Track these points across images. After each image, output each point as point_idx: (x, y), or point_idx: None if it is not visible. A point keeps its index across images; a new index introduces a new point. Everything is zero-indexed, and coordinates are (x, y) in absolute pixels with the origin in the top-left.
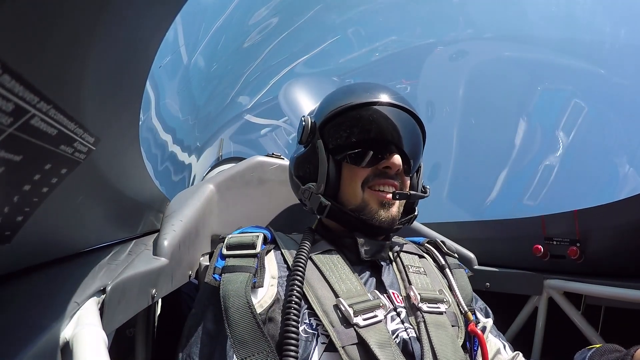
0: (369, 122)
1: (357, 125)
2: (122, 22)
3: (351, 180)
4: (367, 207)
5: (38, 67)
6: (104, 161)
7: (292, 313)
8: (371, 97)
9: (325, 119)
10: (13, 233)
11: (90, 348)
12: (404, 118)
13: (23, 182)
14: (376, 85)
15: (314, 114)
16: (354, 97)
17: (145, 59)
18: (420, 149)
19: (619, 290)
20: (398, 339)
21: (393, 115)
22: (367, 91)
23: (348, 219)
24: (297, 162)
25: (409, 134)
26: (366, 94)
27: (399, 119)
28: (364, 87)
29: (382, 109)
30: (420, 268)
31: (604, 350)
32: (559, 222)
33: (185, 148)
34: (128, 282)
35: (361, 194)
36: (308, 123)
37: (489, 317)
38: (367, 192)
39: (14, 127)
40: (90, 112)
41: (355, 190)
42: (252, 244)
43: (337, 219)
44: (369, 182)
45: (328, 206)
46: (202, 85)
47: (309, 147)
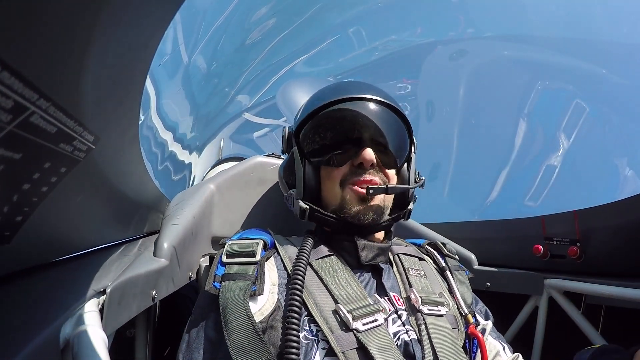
0: (335, 120)
1: (324, 126)
2: (121, 21)
3: (329, 181)
4: (346, 205)
5: (37, 64)
6: (104, 160)
7: (293, 321)
8: (336, 96)
9: (297, 127)
10: (13, 233)
11: (91, 349)
12: (374, 110)
13: (22, 181)
14: (346, 83)
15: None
16: (321, 99)
17: (144, 57)
18: (400, 139)
19: (619, 290)
20: (399, 341)
21: (360, 108)
22: (334, 91)
23: (328, 220)
24: (283, 170)
25: (382, 125)
26: (332, 94)
27: (368, 111)
28: (332, 89)
29: (349, 105)
30: (421, 271)
31: (604, 350)
32: (559, 222)
33: (185, 147)
34: (128, 283)
35: (340, 193)
36: (286, 132)
37: (488, 319)
38: (345, 191)
39: (13, 125)
40: (89, 110)
41: (335, 190)
42: (252, 252)
43: (319, 221)
44: (347, 181)
45: (307, 210)
46: (201, 84)
47: (289, 155)
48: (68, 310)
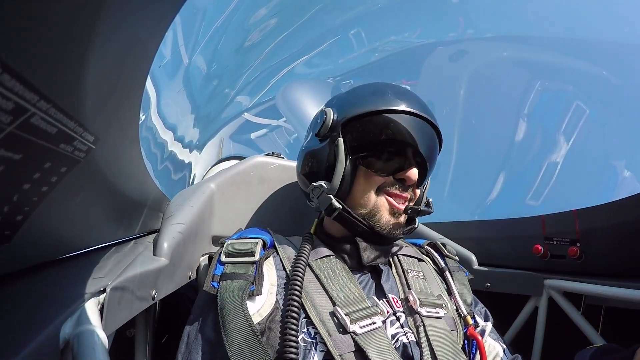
0: (397, 130)
1: (384, 131)
2: (122, 22)
3: (366, 184)
4: (378, 214)
5: (38, 66)
6: (104, 160)
7: (291, 323)
8: (403, 105)
9: (350, 117)
10: (13, 233)
11: (91, 348)
12: (428, 132)
13: (23, 181)
14: (406, 91)
15: (334, 107)
16: (385, 101)
17: (144, 58)
18: (434, 165)
19: (619, 290)
20: (398, 343)
21: (419, 127)
22: (399, 97)
23: (355, 224)
24: (308, 156)
25: (429, 149)
26: (397, 100)
27: (424, 132)
28: (396, 92)
29: (411, 120)
30: (420, 272)
31: (605, 350)
32: (559, 222)
33: (185, 147)
34: (128, 282)
35: (374, 200)
36: (330, 116)
37: (488, 321)
38: (380, 199)
39: (14, 126)
40: (89, 110)
41: (369, 195)
42: (251, 251)
43: (344, 222)
44: (383, 190)
45: (338, 210)
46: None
47: (326, 142)
48: (68, 310)
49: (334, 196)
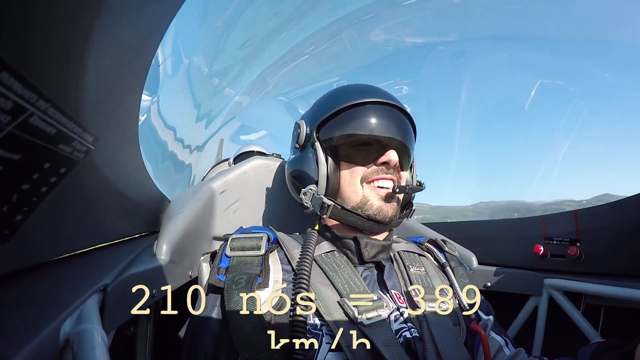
0: (366, 120)
1: (354, 124)
2: (121, 21)
3: (351, 178)
4: (369, 203)
5: (37, 65)
6: (104, 160)
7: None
8: (366, 97)
9: (321, 121)
10: (12, 232)
11: (91, 347)
12: (397, 116)
13: (22, 182)
14: (368, 86)
15: (306, 118)
16: (348, 98)
17: (144, 57)
18: (412, 145)
19: (619, 290)
20: (401, 338)
21: (387, 113)
22: (361, 92)
23: (350, 217)
24: (294, 166)
25: (402, 131)
26: (360, 94)
27: (393, 117)
28: (357, 89)
29: (377, 108)
30: (421, 268)
31: (607, 345)
32: (559, 222)
33: (185, 148)
34: (128, 281)
35: (361, 190)
36: (304, 127)
37: (490, 315)
38: (366, 188)
39: (12, 126)
40: (89, 110)
41: (356, 187)
42: (257, 245)
43: (340, 217)
44: (367, 179)
45: (330, 206)
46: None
47: (305, 150)
48: (68, 309)
49: (324, 195)
